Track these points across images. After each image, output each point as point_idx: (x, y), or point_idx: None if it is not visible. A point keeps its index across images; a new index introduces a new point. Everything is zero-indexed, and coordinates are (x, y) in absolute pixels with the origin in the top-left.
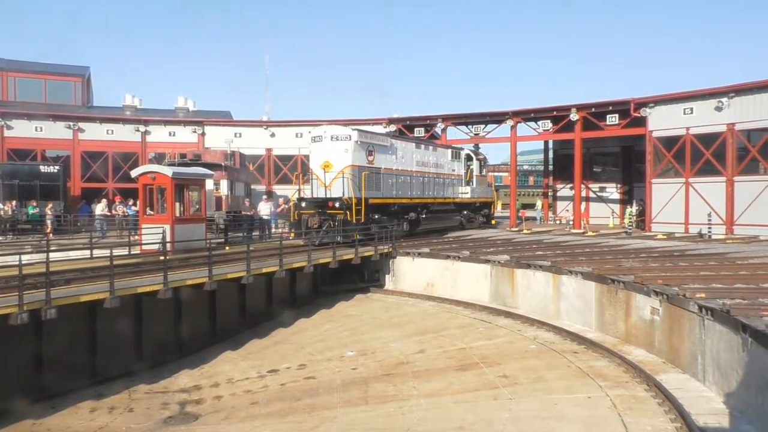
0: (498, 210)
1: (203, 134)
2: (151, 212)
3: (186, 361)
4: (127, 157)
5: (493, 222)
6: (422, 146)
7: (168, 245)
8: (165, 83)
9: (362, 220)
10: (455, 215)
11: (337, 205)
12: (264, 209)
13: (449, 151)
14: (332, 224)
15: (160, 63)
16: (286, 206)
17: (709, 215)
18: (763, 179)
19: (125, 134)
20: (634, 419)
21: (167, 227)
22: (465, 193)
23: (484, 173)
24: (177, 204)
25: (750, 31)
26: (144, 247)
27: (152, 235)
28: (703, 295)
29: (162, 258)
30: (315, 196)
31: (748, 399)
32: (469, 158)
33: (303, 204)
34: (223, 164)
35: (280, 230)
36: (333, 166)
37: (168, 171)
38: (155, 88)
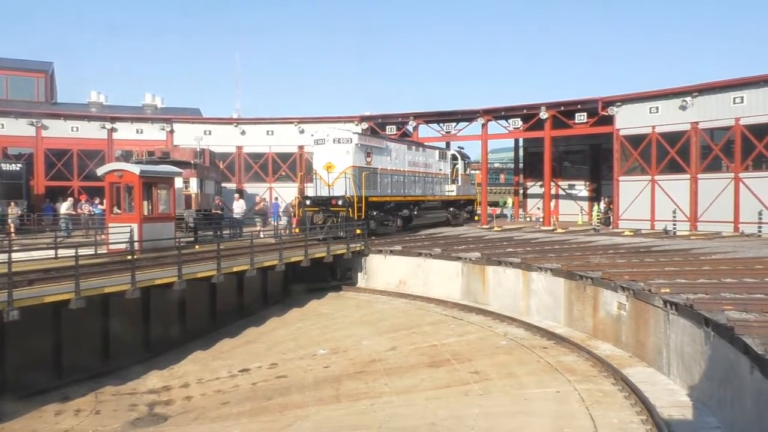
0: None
1: (172, 132)
2: (119, 211)
3: (155, 361)
4: (92, 154)
5: (476, 218)
6: (413, 147)
7: (136, 244)
8: (132, 80)
9: (363, 217)
10: (443, 212)
11: (340, 202)
12: (236, 207)
13: (437, 151)
14: (335, 221)
15: (127, 59)
16: (265, 204)
17: (674, 212)
18: (725, 177)
19: (91, 131)
20: (601, 413)
21: (135, 226)
22: (451, 191)
23: (468, 172)
24: (145, 202)
25: (715, 30)
26: (111, 246)
27: (119, 234)
28: (667, 290)
29: (129, 257)
30: (318, 194)
31: (711, 391)
32: (454, 158)
33: (307, 202)
34: (192, 162)
35: (258, 228)
36: (335, 166)
37: (135, 169)
38: (122, 85)
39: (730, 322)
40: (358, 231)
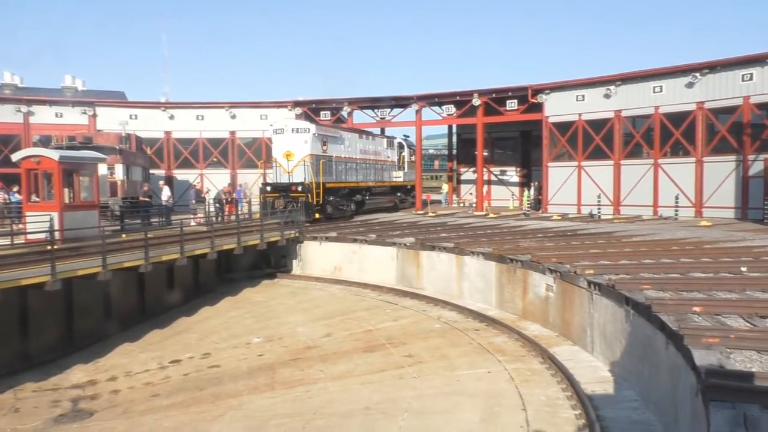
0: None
1: (95, 116)
2: (37, 199)
3: (79, 355)
4: (7, 140)
5: None
6: (364, 136)
7: (56, 234)
8: (49, 61)
9: (321, 202)
10: (391, 197)
11: (300, 189)
12: (163, 195)
13: (385, 140)
14: (295, 206)
15: (43, 39)
16: (207, 191)
17: (599, 197)
18: (646, 163)
19: (5, 115)
20: (529, 390)
21: (55, 215)
22: (398, 177)
23: (413, 159)
24: (66, 190)
25: (636, 22)
26: (29, 236)
27: (38, 223)
28: (591, 271)
29: (49, 247)
30: (279, 181)
31: (631, 366)
32: (401, 146)
33: (268, 188)
34: (117, 147)
35: (198, 216)
36: (294, 155)
37: (54, 155)
38: (38, 67)
39: (648, 301)
40: (317, 215)
